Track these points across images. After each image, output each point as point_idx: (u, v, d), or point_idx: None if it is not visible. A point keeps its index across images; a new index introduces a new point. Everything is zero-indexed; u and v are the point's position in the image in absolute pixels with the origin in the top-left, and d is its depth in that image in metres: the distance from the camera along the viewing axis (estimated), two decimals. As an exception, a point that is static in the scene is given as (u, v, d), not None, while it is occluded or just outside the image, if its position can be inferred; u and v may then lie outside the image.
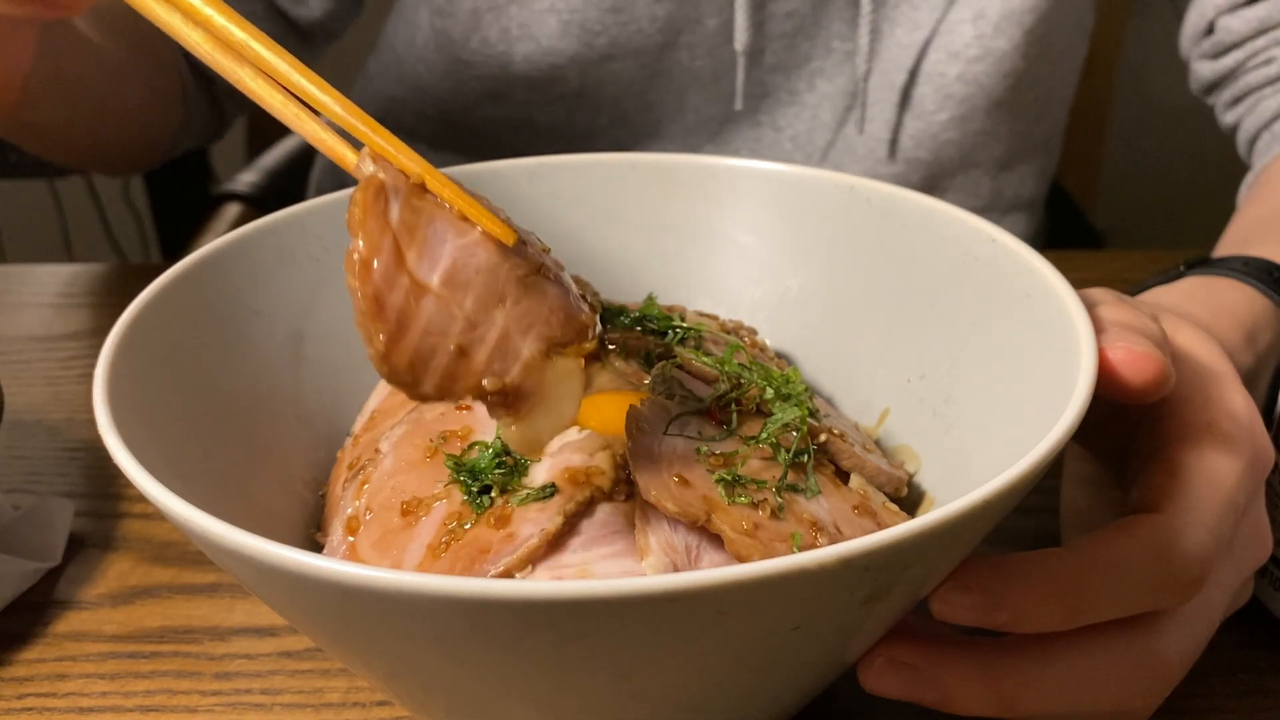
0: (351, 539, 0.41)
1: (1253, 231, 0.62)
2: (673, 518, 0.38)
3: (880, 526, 0.40)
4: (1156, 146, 1.76)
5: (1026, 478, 0.33)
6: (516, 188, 0.55)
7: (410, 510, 0.40)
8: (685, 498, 0.38)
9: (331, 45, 0.89)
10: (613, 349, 0.46)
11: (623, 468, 0.40)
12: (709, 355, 0.46)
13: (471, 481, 0.40)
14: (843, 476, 0.44)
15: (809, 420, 0.43)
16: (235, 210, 1.07)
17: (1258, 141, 0.76)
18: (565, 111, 0.85)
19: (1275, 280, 0.55)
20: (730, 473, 0.40)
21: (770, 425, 0.42)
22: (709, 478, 0.40)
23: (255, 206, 1.07)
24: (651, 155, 0.56)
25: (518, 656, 0.32)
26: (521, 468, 0.41)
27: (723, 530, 0.37)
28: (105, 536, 0.55)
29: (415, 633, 0.32)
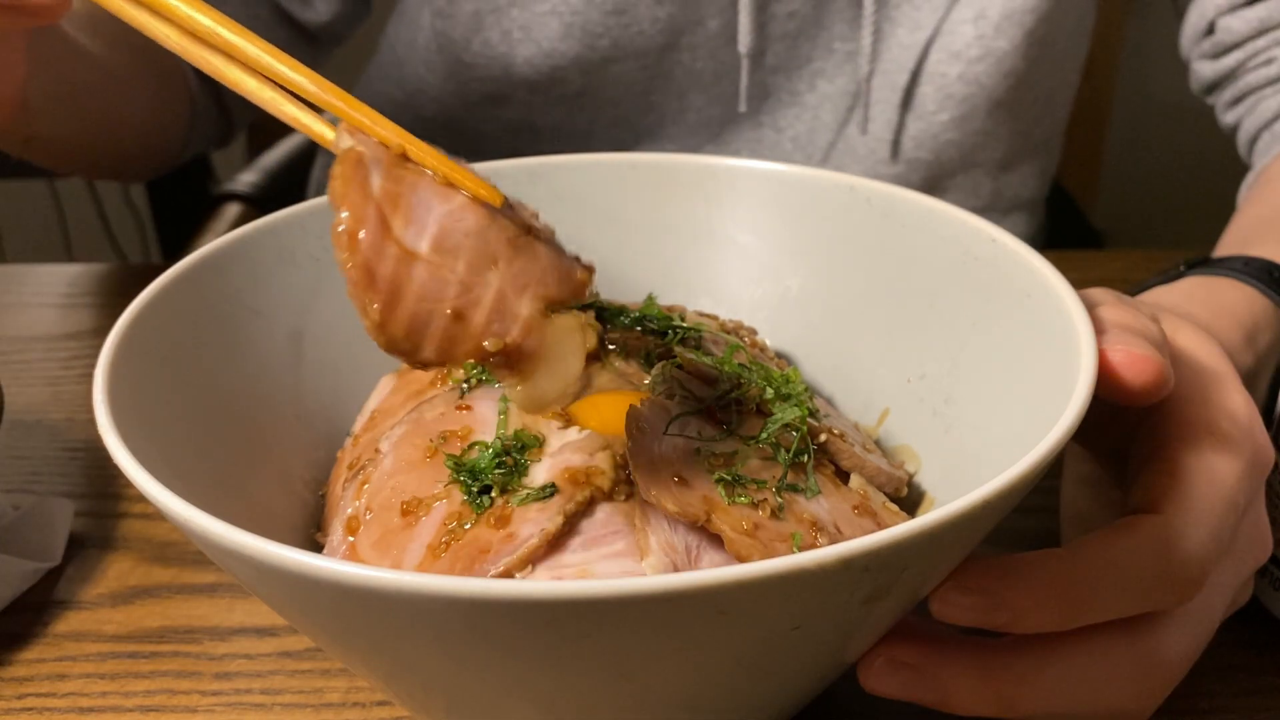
0: (351, 539, 0.41)
1: (1253, 231, 0.62)
2: (673, 518, 0.38)
3: (880, 526, 0.40)
4: (1156, 146, 1.76)
5: (1026, 478, 0.33)
6: (516, 188, 0.54)
7: (410, 510, 0.40)
8: (685, 498, 0.38)
9: (339, 48, 0.89)
10: (613, 349, 0.46)
11: (623, 468, 0.40)
12: (709, 355, 0.46)
13: (471, 481, 0.40)
14: (843, 476, 0.44)
15: (809, 420, 0.43)
16: (235, 210, 1.07)
17: (1258, 141, 0.76)
18: (566, 113, 0.84)
19: (1275, 280, 0.55)
20: (730, 473, 0.40)
21: (770, 425, 0.42)
22: (709, 478, 0.40)
23: (255, 206, 1.07)
24: (651, 155, 0.56)
25: (518, 656, 0.32)
26: (521, 468, 0.41)
27: (723, 530, 0.37)
28: (105, 536, 0.55)
29: (415, 633, 0.32)
